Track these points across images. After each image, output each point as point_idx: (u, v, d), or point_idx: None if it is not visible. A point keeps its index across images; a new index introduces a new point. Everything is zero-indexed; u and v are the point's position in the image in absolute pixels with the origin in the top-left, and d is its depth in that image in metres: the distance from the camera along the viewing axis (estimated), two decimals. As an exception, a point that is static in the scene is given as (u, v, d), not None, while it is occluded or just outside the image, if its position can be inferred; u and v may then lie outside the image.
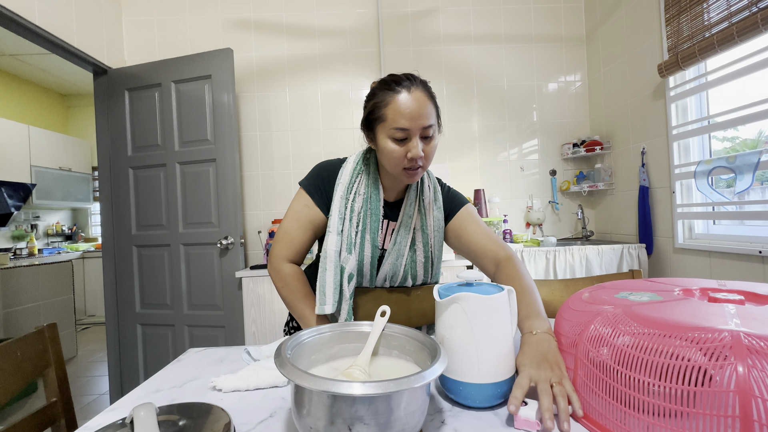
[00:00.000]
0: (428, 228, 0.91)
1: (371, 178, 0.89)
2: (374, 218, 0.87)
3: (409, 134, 0.77)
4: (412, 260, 0.91)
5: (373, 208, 0.87)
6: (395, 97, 0.77)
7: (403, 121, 0.76)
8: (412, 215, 0.90)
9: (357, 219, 0.87)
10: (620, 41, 2.27)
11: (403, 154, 0.78)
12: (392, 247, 0.89)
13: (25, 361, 0.73)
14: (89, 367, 2.91)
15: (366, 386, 0.41)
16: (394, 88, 0.78)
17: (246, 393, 0.66)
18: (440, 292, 0.63)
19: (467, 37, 2.57)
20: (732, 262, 1.65)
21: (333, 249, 0.85)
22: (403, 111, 0.76)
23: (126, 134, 2.18)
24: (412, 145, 0.78)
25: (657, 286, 0.65)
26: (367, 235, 0.86)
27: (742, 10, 1.51)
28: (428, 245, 0.92)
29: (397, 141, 0.78)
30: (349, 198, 0.87)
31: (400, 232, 0.90)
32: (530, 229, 2.58)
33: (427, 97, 0.79)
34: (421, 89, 0.78)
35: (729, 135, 1.81)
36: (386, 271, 0.90)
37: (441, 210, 0.93)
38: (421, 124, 0.77)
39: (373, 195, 0.88)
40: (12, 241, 3.85)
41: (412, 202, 0.91)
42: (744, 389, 0.39)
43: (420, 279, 0.94)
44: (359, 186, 0.88)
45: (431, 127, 0.78)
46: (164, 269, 2.13)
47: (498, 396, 0.57)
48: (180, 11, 2.48)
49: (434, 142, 0.81)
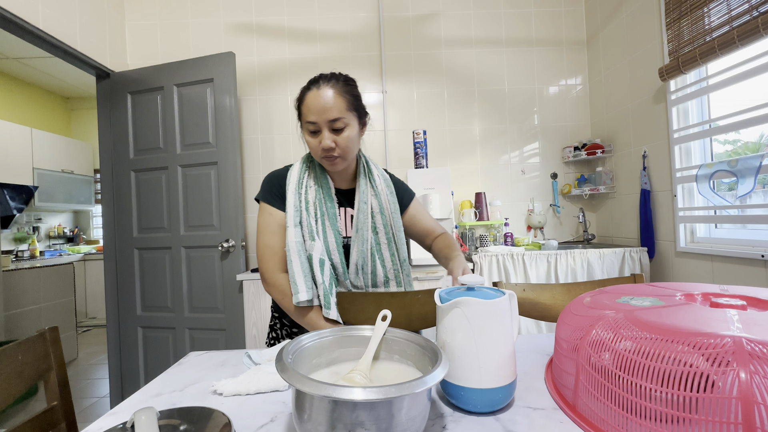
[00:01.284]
0: (386, 210, 0.97)
1: (318, 170, 0.96)
2: (330, 204, 0.93)
3: (318, 127, 0.85)
4: (376, 243, 0.96)
5: (326, 194, 0.94)
6: (306, 95, 0.86)
7: (312, 115, 0.84)
8: (367, 200, 0.96)
9: (314, 208, 0.92)
10: (621, 45, 2.27)
11: (317, 145, 0.87)
12: (355, 233, 0.94)
13: (26, 365, 0.73)
14: (90, 370, 2.90)
15: (367, 391, 0.41)
16: (308, 87, 0.87)
17: (247, 397, 0.66)
18: (441, 296, 0.63)
19: (468, 41, 2.58)
20: (734, 266, 1.65)
21: (293, 240, 0.89)
22: (311, 106, 0.84)
23: (128, 137, 2.19)
24: (322, 136, 0.86)
25: (659, 290, 0.65)
26: (327, 221, 0.92)
27: (743, 15, 1.51)
28: (388, 226, 0.97)
29: (312, 133, 0.87)
30: (301, 192, 0.93)
31: (359, 217, 0.95)
32: (531, 232, 2.57)
33: (337, 93, 0.85)
34: (331, 85, 0.85)
35: (731, 138, 1.81)
36: (356, 260, 0.94)
37: (395, 195, 1.01)
38: (326, 118, 0.84)
39: (323, 183, 0.94)
40: (14, 243, 3.86)
41: (364, 188, 0.97)
42: (746, 396, 0.38)
43: (389, 266, 0.97)
44: (309, 179, 0.95)
45: (339, 120, 0.85)
46: (165, 272, 2.13)
47: (499, 401, 0.57)
48: (183, 15, 2.50)
49: (346, 133, 0.87)
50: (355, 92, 0.90)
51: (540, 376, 0.70)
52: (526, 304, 1.10)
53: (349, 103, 0.87)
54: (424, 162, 2.07)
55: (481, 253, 2.03)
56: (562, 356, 0.60)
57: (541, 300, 1.11)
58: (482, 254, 2.02)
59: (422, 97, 2.58)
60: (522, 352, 0.82)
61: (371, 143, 2.55)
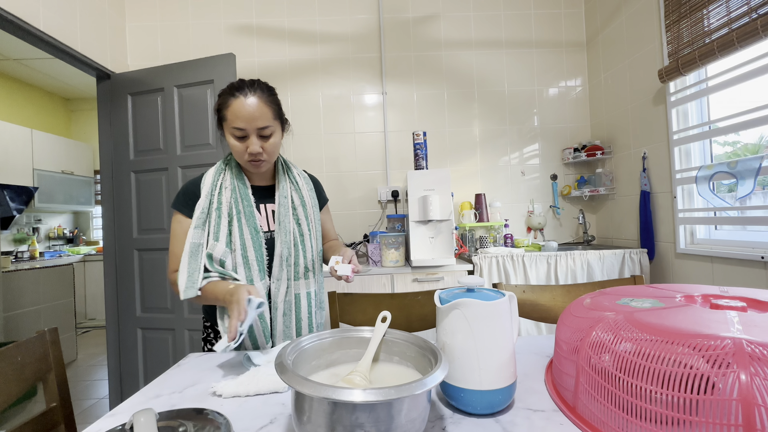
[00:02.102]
0: (307, 203, 1.03)
1: (234, 170, 0.99)
2: (246, 203, 0.96)
3: (246, 133, 0.89)
4: (300, 234, 1.00)
5: (243, 194, 0.96)
6: (233, 101, 0.88)
7: (239, 122, 0.88)
8: (288, 194, 1.01)
9: (227, 208, 0.94)
10: (620, 47, 2.27)
11: (243, 149, 0.91)
12: (278, 227, 0.97)
13: (25, 366, 0.73)
14: (89, 371, 2.90)
15: (367, 393, 0.41)
16: (234, 93, 0.89)
17: (246, 399, 0.66)
18: (441, 297, 0.63)
19: (468, 43, 2.58)
20: (734, 267, 1.65)
21: (189, 241, 0.91)
22: (238, 113, 0.88)
23: (128, 138, 2.19)
24: (250, 142, 0.90)
25: (659, 292, 0.65)
26: (243, 218, 0.94)
27: (742, 17, 1.52)
28: (310, 218, 1.02)
29: (238, 138, 0.91)
30: (214, 194, 0.95)
31: (281, 210, 0.99)
32: (531, 233, 2.57)
33: (264, 102, 0.90)
34: (258, 94, 0.89)
35: (730, 139, 1.81)
36: (280, 252, 0.96)
37: (314, 191, 1.08)
38: (255, 126, 0.89)
39: (239, 184, 0.97)
40: (14, 244, 3.85)
41: (284, 183, 1.02)
42: (747, 398, 0.38)
43: (309, 257, 1.01)
44: (224, 180, 0.97)
45: (268, 128, 0.90)
46: (165, 273, 2.13)
47: (499, 403, 0.57)
48: (183, 17, 2.50)
49: (273, 139, 0.92)
50: (278, 100, 0.96)
51: (540, 378, 0.70)
52: (526, 305, 1.10)
53: (274, 112, 0.93)
54: (424, 163, 2.07)
55: (480, 254, 2.03)
56: (562, 358, 0.60)
57: (541, 301, 1.11)
58: (482, 255, 2.02)
59: (422, 98, 2.58)
60: (522, 354, 0.81)
61: (371, 144, 2.55)
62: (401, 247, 2.08)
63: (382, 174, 2.55)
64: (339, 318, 1.14)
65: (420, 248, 2.01)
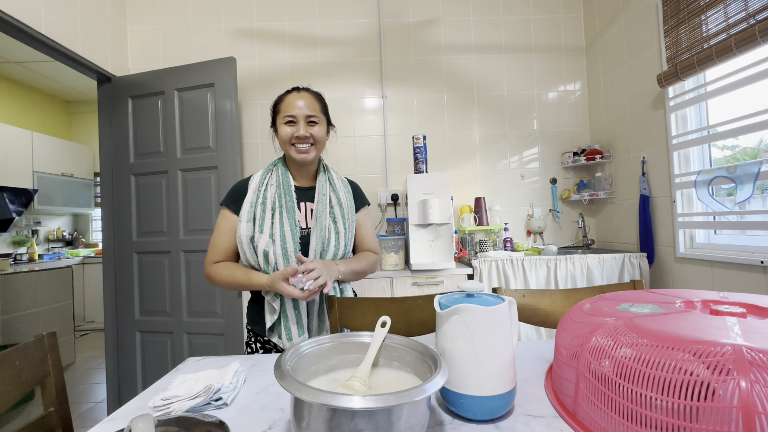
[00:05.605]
0: (344, 203, 1.10)
1: (281, 169, 1.09)
2: (288, 198, 1.04)
3: (295, 119, 1.02)
4: (335, 231, 1.07)
5: (286, 189, 1.05)
6: (288, 96, 1.05)
7: (291, 110, 1.02)
8: (326, 193, 1.09)
9: (271, 202, 1.03)
10: (619, 51, 2.28)
11: (291, 134, 1.02)
12: (315, 222, 1.05)
13: (23, 370, 0.73)
14: (87, 374, 2.89)
15: (366, 399, 0.41)
16: (290, 91, 1.06)
17: (245, 405, 0.66)
18: (441, 302, 0.63)
19: (468, 47, 2.59)
20: (734, 272, 1.64)
21: (243, 234, 1.01)
22: (291, 104, 1.03)
23: (128, 141, 2.19)
24: (298, 127, 1.02)
25: (658, 297, 0.65)
26: (284, 212, 1.02)
27: (740, 22, 1.53)
28: (345, 218, 1.09)
29: (288, 124, 1.03)
30: (261, 190, 1.05)
31: (318, 207, 1.06)
32: (531, 237, 2.57)
33: (314, 97, 1.05)
34: (309, 92, 1.06)
35: (729, 144, 1.82)
36: (315, 246, 1.03)
37: (351, 194, 1.15)
38: (304, 113, 1.02)
39: (284, 180, 1.06)
40: (12, 247, 3.85)
41: (323, 183, 1.10)
42: (747, 405, 0.38)
43: (341, 254, 1.07)
44: (271, 178, 1.07)
45: (315, 117, 1.03)
46: (164, 276, 2.12)
47: (499, 409, 0.57)
48: (184, 21, 2.51)
49: (319, 128, 1.04)
50: (326, 102, 1.10)
51: (540, 383, 0.70)
52: (525, 310, 1.10)
53: (322, 107, 1.07)
54: (424, 167, 2.08)
55: (480, 258, 2.03)
56: (562, 363, 0.60)
57: (541, 306, 1.11)
58: (482, 259, 2.02)
59: (422, 102, 2.59)
60: (522, 359, 0.81)
61: (371, 148, 2.56)
62: (401, 251, 2.08)
63: (381, 177, 2.56)
64: (338, 322, 1.13)
65: (420, 252, 2.01)
